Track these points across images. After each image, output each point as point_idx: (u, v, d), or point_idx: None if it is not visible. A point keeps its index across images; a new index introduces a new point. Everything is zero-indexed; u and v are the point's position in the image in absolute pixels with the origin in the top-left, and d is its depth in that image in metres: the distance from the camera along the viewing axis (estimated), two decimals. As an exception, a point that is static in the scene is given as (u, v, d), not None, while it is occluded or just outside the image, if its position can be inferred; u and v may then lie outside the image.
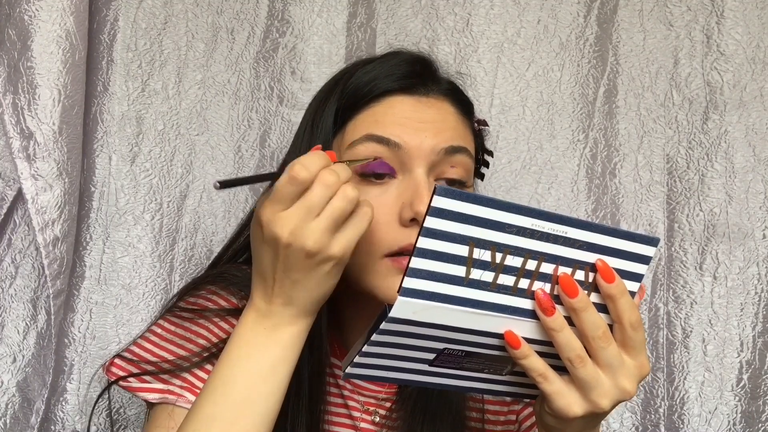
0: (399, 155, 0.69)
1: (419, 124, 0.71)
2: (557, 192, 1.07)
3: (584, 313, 0.57)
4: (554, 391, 0.58)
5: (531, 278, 0.56)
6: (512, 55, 1.08)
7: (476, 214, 0.53)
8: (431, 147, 0.70)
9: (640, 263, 0.58)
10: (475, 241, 0.54)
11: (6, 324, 0.98)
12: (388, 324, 0.55)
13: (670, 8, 1.08)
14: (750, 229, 1.05)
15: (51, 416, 0.99)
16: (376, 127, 0.70)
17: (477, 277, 0.55)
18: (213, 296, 0.76)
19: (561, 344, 0.57)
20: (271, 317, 0.62)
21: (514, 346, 0.57)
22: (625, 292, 0.57)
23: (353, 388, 0.79)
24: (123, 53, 1.04)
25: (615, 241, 0.57)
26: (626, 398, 0.59)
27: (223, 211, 1.05)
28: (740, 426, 1.03)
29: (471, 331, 0.57)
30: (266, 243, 0.60)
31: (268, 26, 1.07)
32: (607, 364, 0.58)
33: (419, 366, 0.60)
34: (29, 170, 0.90)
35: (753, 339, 1.04)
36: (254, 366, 0.62)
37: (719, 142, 1.06)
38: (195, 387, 0.71)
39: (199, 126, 1.05)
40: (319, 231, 0.59)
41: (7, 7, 0.91)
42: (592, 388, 0.58)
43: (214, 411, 0.61)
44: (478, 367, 0.61)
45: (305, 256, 0.59)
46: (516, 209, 0.54)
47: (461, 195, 0.53)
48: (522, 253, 0.55)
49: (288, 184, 0.58)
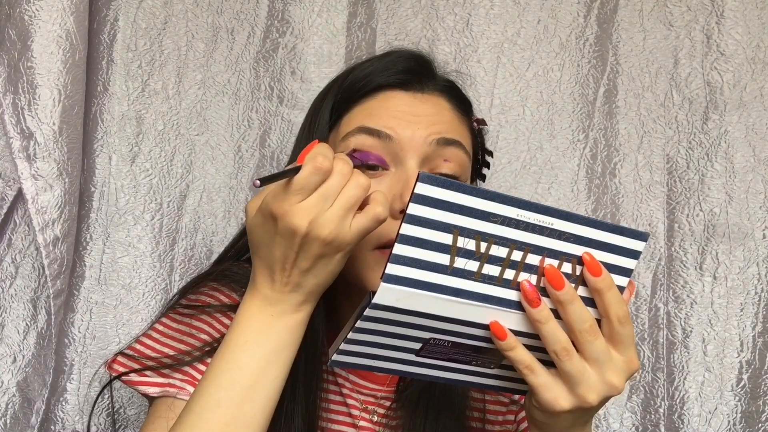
0: (391, 147, 0.69)
1: (413, 117, 0.71)
2: (557, 192, 1.07)
3: (570, 306, 0.56)
4: (540, 383, 0.58)
5: (517, 269, 0.56)
6: (512, 55, 1.08)
7: (460, 202, 0.53)
8: (423, 138, 0.70)
9: (628, 257, 0.58)
10: (459, 230, 0.54)
11: (6, 324, 0.98)
12: (372, 311, 0.55)
13: (670, 8, 1.08)
14: (750, 229, 1.05)
15: (51, 416, 0.99)
16: (370, 120, 0.71)
17: (461, 266, 0.54)
18: (214, 293, 0.77)
19: (546, 336, 0.57)
20: (277, 304, 0.62)
21: (500, 337, 0.57)
22: (612, 286, 0.57)
23: (352, 386, 0.79)
24: (123, 53, 1.04)
25: (603, 234, 0.57)
26: (614, 393, 0.59)
27: (223, 211, 1.05)
28: (740, 426, 1.03)
29: (455, 321, 0.56)
30: (280, 235, 0.60)
31: (268, 26, 1.07)
32: (594, 358, 0.58)
33: (405, 356, 0.60)
34: (29, 170, 0.90)
35: (753, 339, 1.04)
36: (261, 351, 0.62)
37: (719, 142, 1.06)
38: (196, 380, 0.72)
39: (199, 126, 1.05)
40: (335, 218, 0.59)
41: (7, 7, 0.91)
42: (579, 382, 0.58)
43: (220, 395, 0.61)
44: (466, 359, 0.60)
45: (321, 243, 0.59)
46: (500, 198, 0.54)
47: (445, 183, 0.53)
48: (507, 243, 0.55)
49: (313, 175, 0.58)
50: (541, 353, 0.58)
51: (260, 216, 0.61)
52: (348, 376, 0.79)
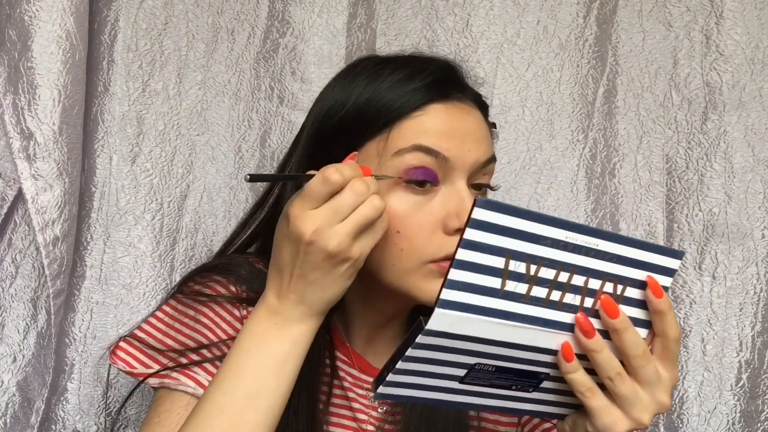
0: (443, 166, 0.70)
1: (464, 136, 0.71)
2: (557, 192, 1.07)
3: (625, 333, 0.58)
4: (601, 407, 0.59)
5: (563, 290, 0.57)
6: (512, 56, 1.08)
7: (513, 226, 0.54)
8: (474, 159, 0.71)
9: (665, 275, 0.60)
10: (511, 253, 0.54)
11: (6, 324, 0.98)
12: (424, 337, 0.55)
13: (669, 9, 1.08)
14: (749, 229, 1.05)
15: (51, 416, 0.99)
16: (425, 138, 0.69)
17: (512, 289, 0.55)
18: (217, 285, 0.77)
19: (601, 364, 0.58)
20: (281, 314, 0.64)
21: (568, 359, 0.58)
22: (672, 307, 0.59)
23: (353, 381, 0.79)
24: (123, 53, 1.04)
25: (643, 253, 0.58)
26: (664, 411, 0.60)
27: (224, 211, 1.05)
28: (739, 425, 1.03)
29: (503, 344, 0.57)
30: (289, 238, 0.62)
31: (269, 27, 1.07)
32: (646, 380, 0.59)
33: (450, 384, 0.60)
34: (29, 170, 0.90)
35: (752, 339, 1.04)
36: (263, 359, 0.63)
37: (718, 142, 1.06)
38: (192, 371, 0.72)
39: (199, 126, 1.05)
40: (343, 234, 0.61)
41: (8, 8, 0.91)
42: (633, 404, 0.59)
43: (223, 402, 0.62)
44: (507, 383, 0.61)
45: (326, 256, 0.61)
46: (551, 221, 0.55)
47: (500, 207, 0.53)
48: (555, 265, 0.56)
49: (321, 185, 0.61)
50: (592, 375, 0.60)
51: (282, 215, 0.64)
52: (350, 371, 0.80)
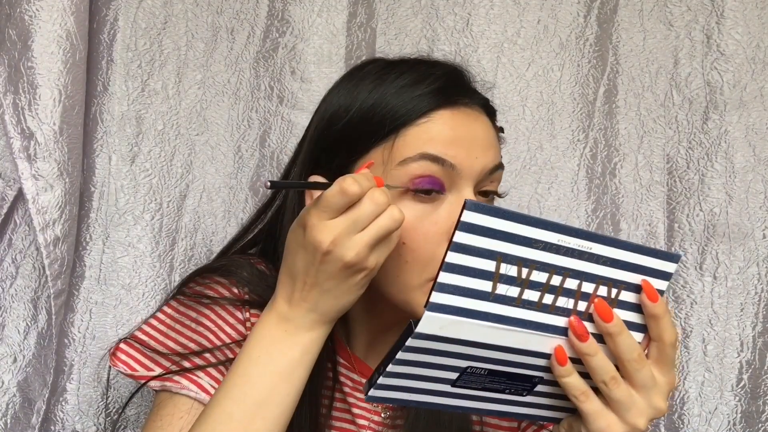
0: (450, 174, 0.69)
1: (472, 143, 0.70)
2: (557, 192, 1.07)
3: (619, 337, 0.57)
4: (595, 410, 0.59)
5: (555, 294, 0.56)
6: (512, 55, 1.08)
7: (505, 229, 0.53)
8: (482, 167, 0.71)
9: (661, 279, 0.59)
10: (502, 256, 0.54)
11: (6, 324, 0.98)
12: (414, 340, 0.55)
13: (670, 8, 1.08)
14: (750, 229, 1.05)
15: (51, 416, 0.99)
16: (431, 146, 0.69)
17: (503, 292, 0.55)
18: (218, 287, 0.77)
19: (595, 368, 0.57)
20: (292, 321, 0.63)
21: (561, 362, 0.58)
22: (668, 311, 0.58)
23: (354, 385, 0.79)
24: (123, 53, 1.04)
25: (638, 257, 0.58)
26: (660, 416, 0.60)
27: (223, 211, 1.05)
28: (740, 426, 1.03)
29: (495, 347, 0.57)
30: (305, 247, 0.61)
31: (268, 26, 1.07)
32: (641, 384, 0.58)
33: (442, 387, 0.60)
34: (30, 170, 0.90)
35: (753, 339, 1.04)
36: (273, 366, 0.63)
37: (719, 142, 1.06)
38: (193, 374, 0.72)
39: (198, 126, 1.05)
40: (362, 244, 0.60)
41: (8, 7, 0.91)
42: (628, 408, 0.58)
43: (233, 409, 0.62)
44: (500, 387, 0.60)
45: (342, 266, 0.61)
46: (543, 224, 0.54)
47: (490, 210, 0.53)
48: (547, 268, 0.55)
49: (338, 195, 0.60)
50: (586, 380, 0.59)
51: (296, 223, 0.63)
52: (350, 375, 0.80)
